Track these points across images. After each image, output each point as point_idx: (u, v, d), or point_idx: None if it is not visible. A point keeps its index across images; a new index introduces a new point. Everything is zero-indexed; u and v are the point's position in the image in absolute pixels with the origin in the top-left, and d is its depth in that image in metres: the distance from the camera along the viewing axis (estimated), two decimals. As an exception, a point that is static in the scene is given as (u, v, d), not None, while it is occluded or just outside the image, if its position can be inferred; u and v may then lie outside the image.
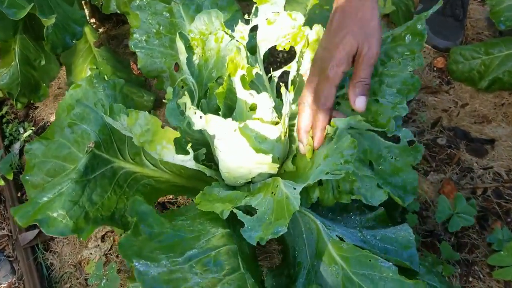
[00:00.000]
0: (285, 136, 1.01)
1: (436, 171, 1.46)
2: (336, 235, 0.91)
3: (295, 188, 0.83)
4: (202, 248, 0.76)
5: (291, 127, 1.12)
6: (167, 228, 0.79)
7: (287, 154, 1.10)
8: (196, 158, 1.08)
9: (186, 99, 0.91)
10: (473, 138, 1.52)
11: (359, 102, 0.91)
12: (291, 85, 1.09)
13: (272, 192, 0.89)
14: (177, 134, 0.87)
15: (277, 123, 1.01)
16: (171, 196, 1.51)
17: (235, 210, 0.83)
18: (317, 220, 0.91)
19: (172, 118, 1.04)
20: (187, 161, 0.92)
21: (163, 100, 1.06)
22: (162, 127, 0.88)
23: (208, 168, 1.05)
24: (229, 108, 1.10)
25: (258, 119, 0.97)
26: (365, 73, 0.89)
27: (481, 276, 1.23)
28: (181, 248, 0.76)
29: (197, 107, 1.10)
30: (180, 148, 0.98)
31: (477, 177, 1.45)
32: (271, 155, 0.90)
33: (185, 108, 0.92)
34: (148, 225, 0.77)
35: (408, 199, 1.03)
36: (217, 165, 1.07)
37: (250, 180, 1.03)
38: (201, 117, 0.87)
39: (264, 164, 0.93)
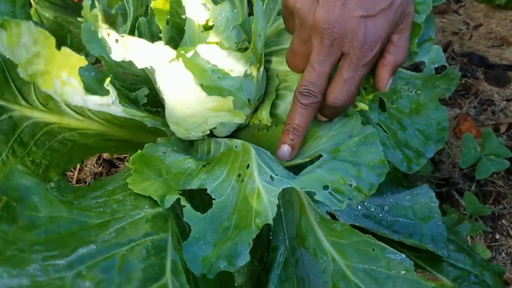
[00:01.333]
0: (257, 69, 0.70)
1: (450, 106, 1.19)
2: (327, 211, 0.64)
3: (272, 178, 0.55)
4: (106, 243, 0.47)
5: (268, 55, 0.81)
6: (62, 212, 0.49)
7: (262, 96, 0.79)
8: (132, 101, 0.77)
9: (97, 11, 0.57)
10: (492, 64, 1.25)
11: (390, 83, 0.66)
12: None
13: (239, 175, 0.60)
14: (83, 60, 0.54)
15: (245, 49, 0.70)
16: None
17: (182, 202, 0.54)
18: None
19: (91, 44, 0.70)
20: (109, 105, 0.61)
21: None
22: (59, 48, 0.54)
23: (149, 116, 0.74)
24: (178, 29, 0.77)
25: (216, 43, 0.65)
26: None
27: (510, 231, 1.01)
28: (74, 243, 0.46)
29: (133, 29, 0.77)
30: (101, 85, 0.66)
31: (499, 110, 1.20)
32: (231, 98, 0.60)
33: (98, 27, 0.59)
34: (29, 207, 0.47)
35: (429, 151, 0.78)
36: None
37: (209, 132, 0.73)
38: (117, 40, 0.55)
39: (223, 111, 0.62)
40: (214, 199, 0.60)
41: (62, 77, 0.55)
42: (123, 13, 0.82)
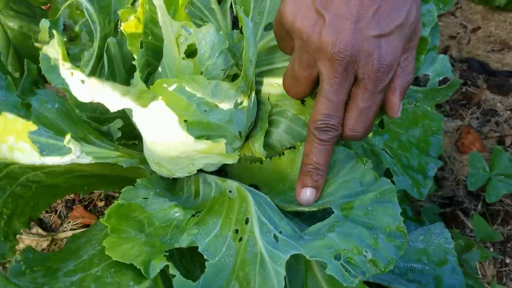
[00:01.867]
0: (249, 97, 0.60)
1: (451, 116, 1.11)
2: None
3: (276, 238, 0.45)
4: None
5: (257, 76, 0.72)
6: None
7: (253, 122, 0.70)
8: (105, 133, 0.67)
9: (57, 44, 0.47)
10: (494, 71, 1.17)
11: (401, 108, 0.57)
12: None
13: (237, 231, 0.51)
14: (30, 125, 0.44)
15: (234, 75, 0.60)
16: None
17: (171, 270, 0.45)
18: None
19: (52, 74, 0.60)
20: (73, 159, 0.50)
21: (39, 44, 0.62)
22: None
23: (125, 155, 0.64)
24: (154, 50, 0.67)
25: (201, 72, 0.55)
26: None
27: (522, 256, 0.94)
28: None
29: (101, 52, 0.66)
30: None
31: (504, 121, 1.13)
32: (223, 141, 0.50)
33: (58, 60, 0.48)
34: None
35: (431, 169, 0.73)
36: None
37: (196, 171, 0.63)
38: (83, 81, 0.44)
39: (213, 154, 0.53)
40: (206, 258, 0.50)
41: (9, 141, 0.45)
42: (88, 30, 0.71)
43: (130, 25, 0.58)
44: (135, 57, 0.59)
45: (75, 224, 1.00)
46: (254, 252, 0.47)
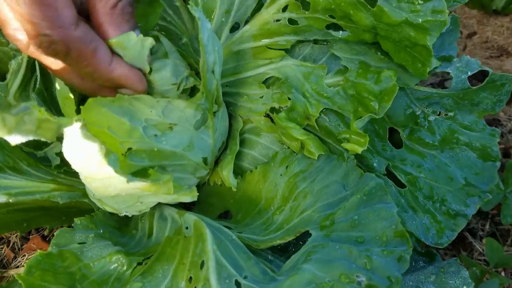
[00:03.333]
0: (214, 114, 0.49)
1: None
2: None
3: (239, 286, 0.37)
4: None
5: (226, 87, 0.60)
6: None
7: (225, 142, 0.58)
8: (41, 159, 0.55)
9: None
10: (494, 78, 1.07)
11: None
12: None
13: (190, 279, 0.40)
14: None
15: (193, 89, 0.48)
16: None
17: None
18: None
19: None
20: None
21: None
22: None
23: (61, 188, 0.51)
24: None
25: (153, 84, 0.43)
26: None
27: (535, 282, 0.82)
28: None
29: (30, 61, 0.54)
30: None
31: (508, 132, 1.03)
32: (169, 179, 0.39)
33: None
34: None
35: (472, 205, 0.58)
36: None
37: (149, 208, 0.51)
38: None
39: (159, 193, 0.41)
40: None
41: None
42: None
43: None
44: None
45: (30, 258, 0.85)
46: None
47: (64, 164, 0.58)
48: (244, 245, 0.47)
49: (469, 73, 0.56)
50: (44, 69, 0.54)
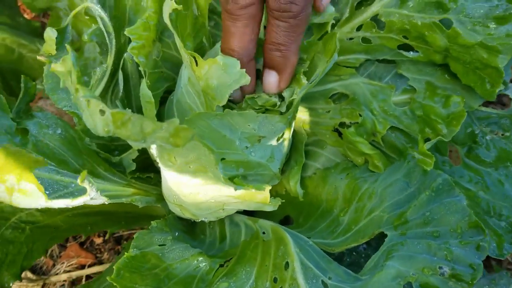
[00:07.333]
0: (290, 126, 0.51)
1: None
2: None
3: (326, 286, 0.40)
4: None
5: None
6: None
7: (288, 154, 0.60)
8: (115, 164, 0.57)
9: (71, 68, 0.37)
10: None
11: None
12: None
13: (275, 280, 0.43)
14: (39, 161, 0.34)
15: (278, 106, 0.51)
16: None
17: None
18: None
19: (58, 95, 0.51)
20: (86, 201, 0.40)
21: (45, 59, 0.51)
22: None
23: (140, 192, 0.53)
24: (172, 62, 0.58)
25: (250, 101, 0.46)
26: None
27: None
28: None
29: (115, 70, 0.56)
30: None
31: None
32: (267, 189, 0.41)
33: (70, 82, 0.38)
34: None
35: None
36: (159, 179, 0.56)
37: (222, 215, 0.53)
38: (103, 112, 0.34)
39: (251, 202, 0.43)
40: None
41: (8, 181, 0.35)
42: (100, 42, 0.61)
43: (138, 27, 0.48)
44: (140, 60, 0.49)
45: (69, 265, 0.85)
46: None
47: (137, 170, 0.60)
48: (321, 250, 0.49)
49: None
50: (125, 78, 0.57)
